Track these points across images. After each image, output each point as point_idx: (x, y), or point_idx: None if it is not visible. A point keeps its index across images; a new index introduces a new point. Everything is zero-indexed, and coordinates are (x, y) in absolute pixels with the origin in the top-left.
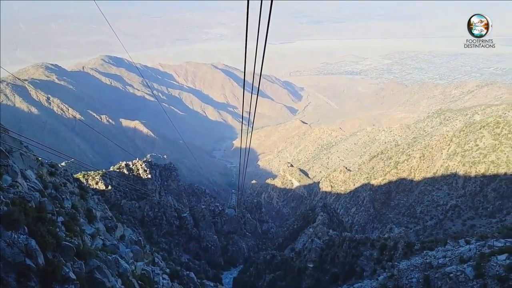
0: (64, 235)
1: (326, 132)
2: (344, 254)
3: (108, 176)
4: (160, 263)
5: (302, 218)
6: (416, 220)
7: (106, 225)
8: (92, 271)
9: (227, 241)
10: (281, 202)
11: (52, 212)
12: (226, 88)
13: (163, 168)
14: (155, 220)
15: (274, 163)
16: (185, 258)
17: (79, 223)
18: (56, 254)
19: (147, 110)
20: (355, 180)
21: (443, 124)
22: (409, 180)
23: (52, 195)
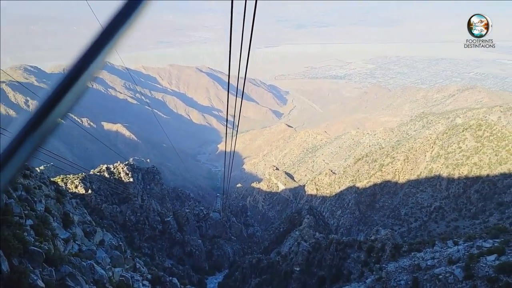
0: (32, 240)
1: (311, 136)
2: (331, 256)
3: (88, 180)
4: (141, 268)
5: (288, 221)
6: (401, 222)
7: (84, 229)
8: (63, 278)
9: (212, 246)
10: (266, 206)
11: (19, 215)
12: (210, 92)
13: (146, 172)
14: (137, 225)
15: (259, 167)
16: (168, 263)
17: (51, 227)
18: (23, 260)
19: (129, 113)
20: (340, 183)
21: (426, 127)
22: (393, 182)
23: (21, 197)
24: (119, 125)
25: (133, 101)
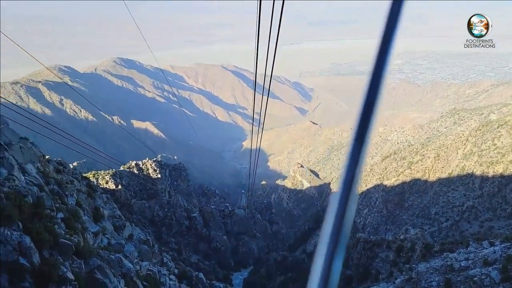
0: (63, 233)
1: (337, 133)
2: (359, 256)
3: (118, 176)
4: (169, 263)
5: (314, 219)
6: (431, 222)
7: (114, 224)
8: (92, 271)
9: (237, 242)
10: (291, 203)
11: (51, 208)
12: (235, 89)
13: (173, 168)
14: (165, 220)
15: (284, 164)
16: (195, 259)
17: (81, 220)
18: (53, 253)
19: (158, 112)
20: (367, 181)
21: (458, 123)
22: (423, 180)
23: (54, 191)
24: (148, 123)
25: (161, 99)
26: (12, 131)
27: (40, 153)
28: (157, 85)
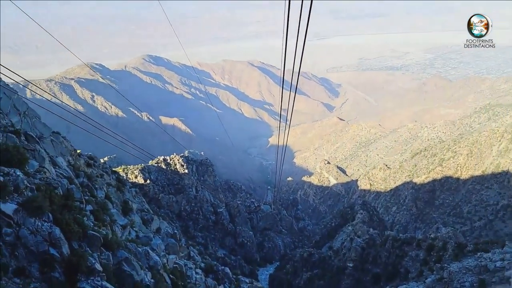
0: (92, 224)
1: (365, 129)
2: (387, 254)
3: (146, 170)
4: (195, 257)
5: (340, 216)
6: (463, 221)
7: (142, 217)
8: (120, 263)
9: (263, 238)
10: (317, 200)
11: (80, 200)
12: (262, 86)
13: (200, 164)
14: (192, 215)
15: (310, 161)
16: (221, 253)
17: (109, 213)
18: (82, 244)
19: (185, 108)
20: (396, 178)
21: (492, 119)
22: (455, 178)
23: (83, 184)
24: (176, 119)
25: (188, 96)
26: (44, 125)
27: (71, 147)
28: (185, 81)
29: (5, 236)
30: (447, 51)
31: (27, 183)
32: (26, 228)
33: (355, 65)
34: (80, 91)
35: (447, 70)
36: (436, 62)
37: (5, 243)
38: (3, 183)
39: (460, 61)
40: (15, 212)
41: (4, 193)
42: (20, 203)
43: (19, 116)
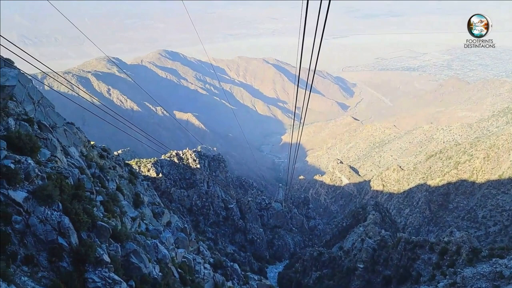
0: (101, 215)
1: (379, 129)
2: (399, 256)
3: (159, 164)
4: (205, 252)
5: (352, 216)
6: (477, 225)
7: (153, 210)
8: (128, 255)
9: (273, 235)
10: (329, 199)
11: (91, 190)
12: (276, 83)
13: (212, 159)
14: (203, 210)
15: (323, 160)
16: (230, 249)
17: (120, 204)
18: (91, 234)
19: (199, 103)
20: (410, 180)
21: (511, 123)
22: (470, 182)
23: (95, 175)
24: (189, 114)
25: (203, 91)
26: (57, 115)
27: (85, 138)
28: (200, 77)
29: (14, 223)
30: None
31: (38, 172)
32: (36, 216)
33: (371, 65)
34: (97, 84)
35: (465, 72)
36: (454, 64)
37: (15, 231)
38: (14, 170)
39: (479, 63)
40: (25, 200)
41: (15, 181)
42: (30, 191)
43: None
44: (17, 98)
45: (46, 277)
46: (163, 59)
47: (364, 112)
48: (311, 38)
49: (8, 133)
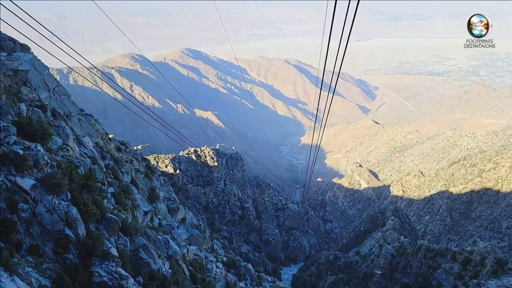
0: (112, 207)
1: (401, 134)
2: (419, 264)
3: (177, 160)
4: (218, 250)
5: (370, 220)
6: (501, 236)
7: (168, 206)
8: (137, 250)
9: (288, 237)
10: (346, 203)
11: (102, 181)
12: (297, 84)
13: (230, 157)
14: (219, 208)
15: (341, 163)
16: (245, 249)
17: (132, 197)
18: (99, 227)
19: (220, 102)
20: (431, 187)
21: None
22: (495, 190)
23: (109, 166)
24: (209, 113)
25: (223, 90)
26: (72, 103)
27: (103, 131)
28: (221, 76)
29: (20, 211)
30: (493, 58)
31: (47, 159)
32: (43, 205)
33: (394, 68)
34: (120, 80)
35: (492, 79)
36: (480, 70)
37: (21, 219)
38: (22, 157)
39: (507, 69)
40: (32, 187)
41: (23, 168)
42: (38, 179)
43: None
44: (31, 84)
45: (51, 268)
46: (185, 57)
47: (386, 116)
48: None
49: (19, 118)
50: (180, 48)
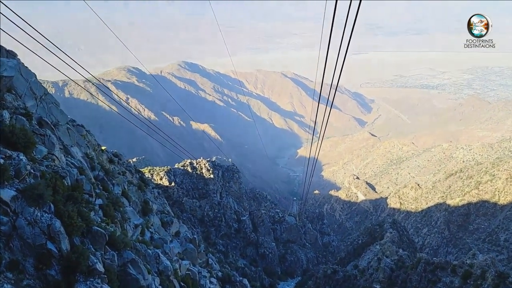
0: (99, 220)
1: (397, 146)
2: (418, 278)
3: (172, 173)
4: (214, 265)
5: (368, 233)
6: (499, 249)
7: (162, 219)
8: (125, 265)
9: (285, 250)
10: (344, 215)
11: (89, 193)
12: (294, 97)
13: (226, 169)
14: (214, 221)
15: (338, 175)
16: (241, 263)
17: (122, 210)
18: (85, 240)
19: (216, 115)
20: (428, 199)
21: None
22: (492, 203)
23: (98, 177)
24: (206, 125)
25: (220, 103)
26: (61, 112)
27: (95, 142)
28: (218, 89)
29: (0, 225)
30: (487, 72)
31: (30, 169)
32: (24, 218)
33: (390, 82)
34: (116, 93)
35: (486, 92)
36: (474, 83)
37: (0, 233)
38: (3, 166)
39: (500, 83)
40: (13, 199)
41: (3, 178)
42: (20, 190)
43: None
44: (17, 92)
45: (31, 285)
46: (182, 70)
47: (382, 129)
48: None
49: (1, 126)
50: (177, 61)
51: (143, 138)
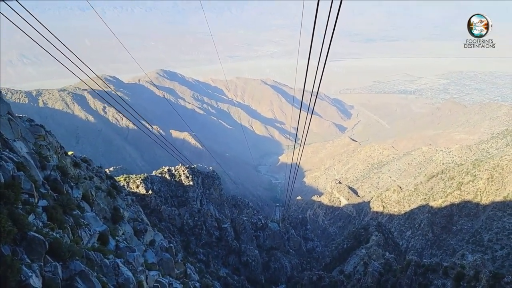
0: (41, 225)
1: (377, 151)
2: (409, 281)
3: (149, 180)
4: (192, 275)
5: (353, 237)
6: (483, 249)
7: (134, 227)
8: (72, 278)
9: (269, 257)
10: (327, 221)
11: (30, 192)
12: (274, 104)
13: (206, 176)
14: (195, 229)
15: (320, 180)
16: (223, 272)
17: (75, 214)
18: (17, 249)
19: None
20: (411, 201)
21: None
22: (474, 203)
23: (50, 178)
24: (186, 134)
25: (200, 111)
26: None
27: (57, 144)
28: (197, 97)
29: None
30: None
31: None
32: None
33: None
34: (93, 102)
35: (461, 96)
36: (450, 88)
37: None
38: None
39: (475, 87)
40: None
41: None
42: None
43: None
44: None
45: None
46: (161, 78)
47: (362, 134)
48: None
49: None
50: (155, 69)
51: (121, 148)
